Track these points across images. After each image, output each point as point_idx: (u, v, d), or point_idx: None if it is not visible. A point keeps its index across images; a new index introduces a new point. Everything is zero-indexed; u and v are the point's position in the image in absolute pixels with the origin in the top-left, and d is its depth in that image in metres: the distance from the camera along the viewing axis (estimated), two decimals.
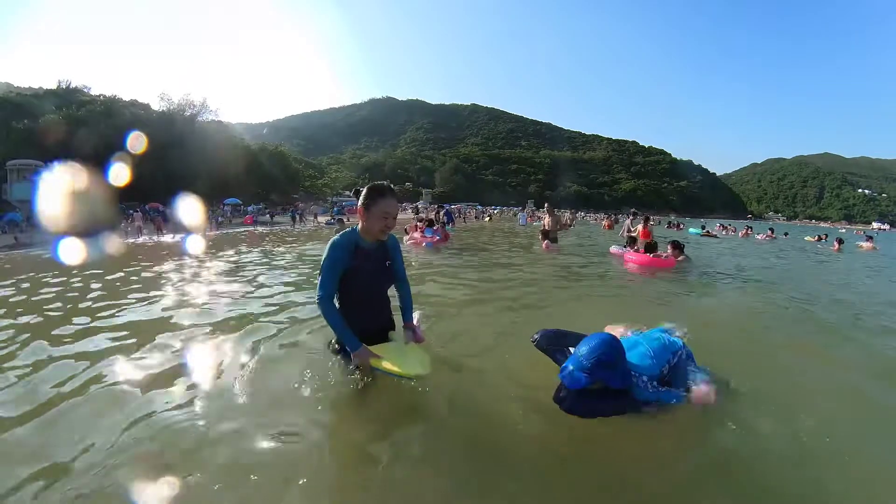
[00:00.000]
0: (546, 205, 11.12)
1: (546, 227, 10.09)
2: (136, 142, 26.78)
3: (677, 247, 7.99)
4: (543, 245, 9.76)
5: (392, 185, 2.14)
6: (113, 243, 10.86)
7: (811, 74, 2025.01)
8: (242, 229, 19.56)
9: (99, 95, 38.73)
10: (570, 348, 2.08)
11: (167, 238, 14.23)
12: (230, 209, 33.61)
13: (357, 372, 2.17)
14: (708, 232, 18.23)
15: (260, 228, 20.35)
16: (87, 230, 11.41)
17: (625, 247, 8.95)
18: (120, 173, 22.65)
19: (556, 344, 2.23)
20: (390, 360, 2.09)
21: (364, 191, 2.09)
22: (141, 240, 13.91)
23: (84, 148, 26.74)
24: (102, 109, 33.89)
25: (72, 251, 7.79)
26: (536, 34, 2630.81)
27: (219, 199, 33.39)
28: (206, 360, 2.70)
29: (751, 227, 22.70)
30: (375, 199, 2.05)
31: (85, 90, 39.31)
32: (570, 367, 1.87)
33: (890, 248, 16.44)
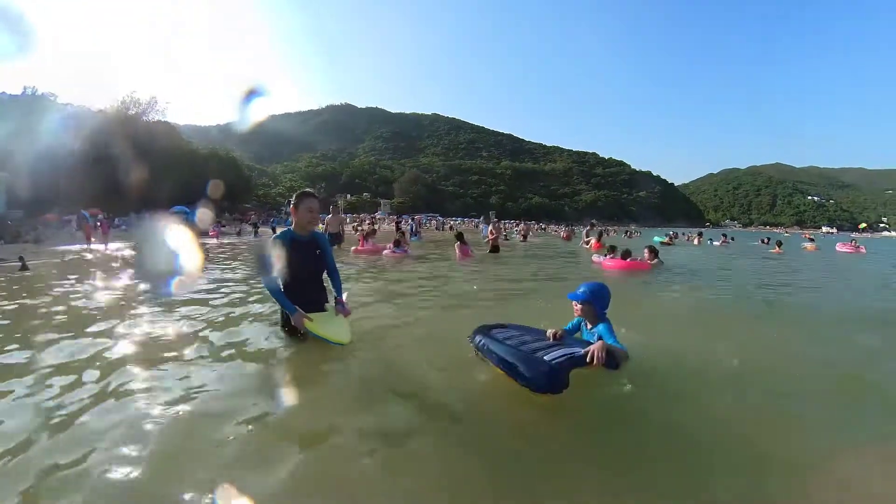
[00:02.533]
0: (484, 216, 11.58)
1: (490, 236, 11.79)
2: (71, 142, 24.53)
3: (652, 251, 8.66)
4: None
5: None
6: None
7: (761, 86, 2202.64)
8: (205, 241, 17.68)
9: (27, 89, 35.29)
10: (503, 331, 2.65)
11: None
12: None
13: (299, 339, 2.88)
14: (670, 240, 19.81)
15: (227, 240, 18.14)
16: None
17: (605, 255, 9.33)
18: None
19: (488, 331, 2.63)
20: (320, 325, 2.78)
21: (293, 196, 2.92)
22: (77, 247, 12.41)
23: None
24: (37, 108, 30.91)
25: None
26: (497, 46, 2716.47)
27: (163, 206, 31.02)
28: None
29: (701, 234, 25.09)
30: (302, 200, 2.88)
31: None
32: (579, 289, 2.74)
33: (828, 248, 19.54)
